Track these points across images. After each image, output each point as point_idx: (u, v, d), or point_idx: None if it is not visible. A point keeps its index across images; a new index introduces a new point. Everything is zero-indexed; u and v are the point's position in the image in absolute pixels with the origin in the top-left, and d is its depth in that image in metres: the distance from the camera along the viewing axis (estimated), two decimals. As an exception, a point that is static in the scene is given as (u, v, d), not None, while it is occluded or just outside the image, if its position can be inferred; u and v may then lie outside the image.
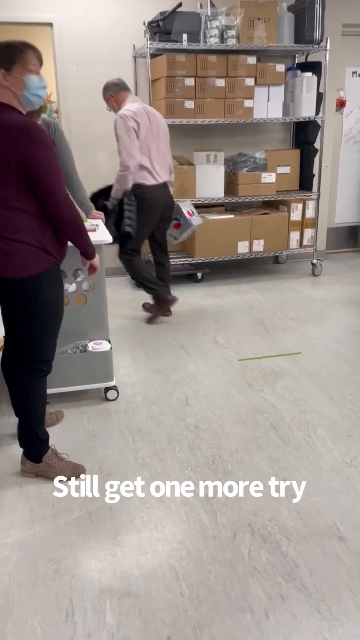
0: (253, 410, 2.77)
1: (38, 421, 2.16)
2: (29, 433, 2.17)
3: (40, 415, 2.17)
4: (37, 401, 2.14)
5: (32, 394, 2.12)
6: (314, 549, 1.87)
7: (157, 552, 1.87)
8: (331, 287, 4.72)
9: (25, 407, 2.12)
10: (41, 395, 2.16)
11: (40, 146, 1.80)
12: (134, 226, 3.59)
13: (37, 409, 2.14)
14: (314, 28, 4.36)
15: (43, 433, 2.20)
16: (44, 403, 2.19)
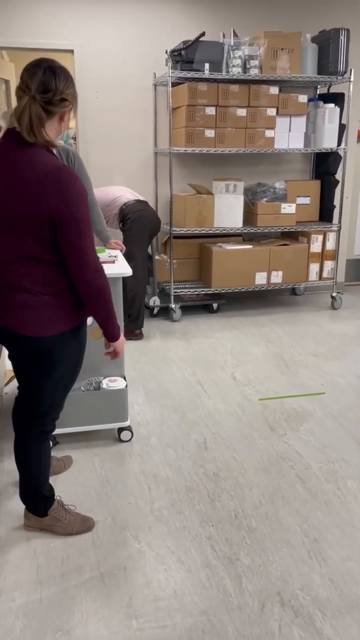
0: (277, 457, 2.59)
1: (42, 481, 1.96)
2: (32, 491, 1.98)
3: (45, 476, 1.96)
4: (42, 462, 1.94)
5: (37, 454, 1.92)
6: (351, 625, 1.68)
7: (177, 624, 1.68)
8: (352, 321, 4.56)
9: (29, 466, 1.93)
10: (45, 457, 1.95)
11: (74, 199, 1.54)
12: None
13: (42, 470, 1.95)
14: (338, 59, 4.29)
15: (48, 490, 2.00)
16: (48, 464, 1.98)
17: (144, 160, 4.74)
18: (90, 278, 1.63)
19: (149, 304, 4.65)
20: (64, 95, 1.58)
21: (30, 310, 1.65)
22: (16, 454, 1.95)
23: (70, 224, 1.56)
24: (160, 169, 4.75)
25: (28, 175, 1.52)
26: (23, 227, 1.56)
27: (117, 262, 2.68)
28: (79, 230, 1.57)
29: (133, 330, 4.12)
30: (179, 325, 4.50)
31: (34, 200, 1.52)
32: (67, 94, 1.60)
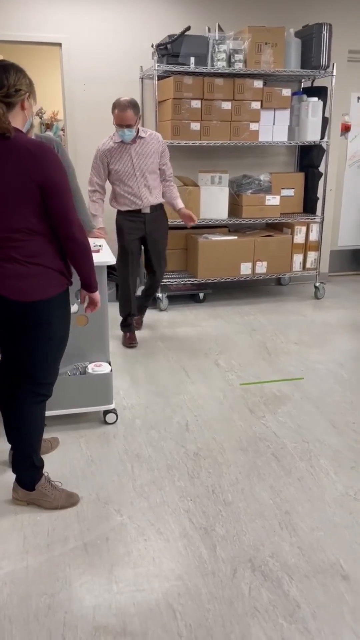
0: (255, 438, 2.71)
1: (34, 448, 2.10)
2: (24, 459, 2.11)
3: (37, 441, 2.11)
4: (35, 427, 2.08)
5: (30, 419, 2.06)
6: (317, 588, 1.81)
7: (154, 589, 1.81)
8: (334, 310, 4.69)
9: (22, 432, 2.07)
10: (40, 421, 2.10)
11: (56, 168, 1.79)
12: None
13: (34, 435, 2.09)
14: (321, 54, 4.39)
15: (38, 461, 2.14)
16: (42, 429, 2.14)
17: (131, 153, 4.82)
18: (77, 235, 1.89)
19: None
20: (17, 86, 1.79)
21: (26, 279, 1.87)
22: (8, 426, 2.09)
23: (57, 188, 1.80)
24: (148, 161, 4.82)
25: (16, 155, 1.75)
26: (18, 200, 1.78)
27: (102, 251, 2.78)
28: (64, 194, 1.83)
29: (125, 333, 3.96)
30: (165, 315, 4.61)
31: (22, 170, 1.75)
32: (20, 84, 1.80)
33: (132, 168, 3.61)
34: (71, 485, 2.32)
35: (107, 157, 3.63)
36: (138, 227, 3.75)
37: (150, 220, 3.76)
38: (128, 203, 3.69)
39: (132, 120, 3.44)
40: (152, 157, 3.63)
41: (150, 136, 3.63)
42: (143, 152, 3.60)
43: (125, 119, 3.43)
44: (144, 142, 3.60)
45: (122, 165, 3.61)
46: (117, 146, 3.60)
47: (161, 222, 3.85)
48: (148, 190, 3.67)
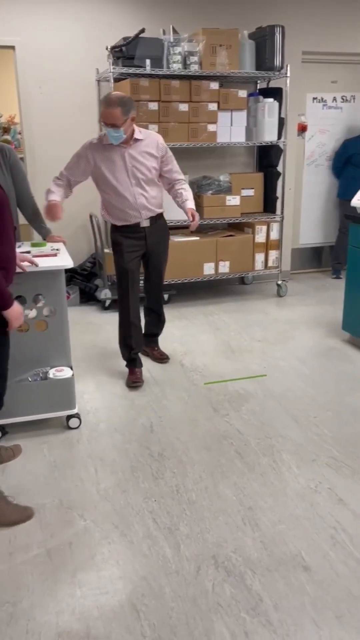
0: (218, 436, 2.73)
1: None
2: None
3: None
4: None
5: None
6: (278, 580, 1.84)
7: (118, 590, 1.81)
8: (296, 307, 4.76)
9: None
10: None
11: None
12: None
13: None
14: (275, 55, 4.46)
15: None
16: None
17: (90, 156, 4.80)
18: None
19: (100, 296, 4.74)
20: None
21: None
22: None
23: None
24: (107, 163, 4.82)
25: None
26: None
27: (59, 255, 2.76)
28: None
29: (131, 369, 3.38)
30: (130, 317, 4.59)
31: None
32: None
33: (126, 175, 3.07)
34: (33, 493, 2.30)
35: (93, 158, 3.08)
36: (139, 244, 3.23)
37: (152, 234, 3.24)
38: (124, 217, 3.16)
39: (118, 120, 2.89)
40: (149, 163, 3.10)
41: (148, 138, 3.12)
42: (139, 157, 3.07)
43: (110, 117, 2.89)
44: (141, 145, 3.07)
45: (114, 172, 3.07)
46: (109, 148, 3.05)
47: (163, 233, 3.36)
48: (146, 201, 3.14)
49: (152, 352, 3.67)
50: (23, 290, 2.65)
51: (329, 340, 3.97)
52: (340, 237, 5.51)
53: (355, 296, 3.73)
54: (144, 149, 3.09)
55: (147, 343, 3.67)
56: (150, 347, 3.68)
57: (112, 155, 3.07)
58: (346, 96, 5.61)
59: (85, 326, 4.37)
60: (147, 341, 3.66)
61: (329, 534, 2.04)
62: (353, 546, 1.98)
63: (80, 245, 4.94)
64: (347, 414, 2.93)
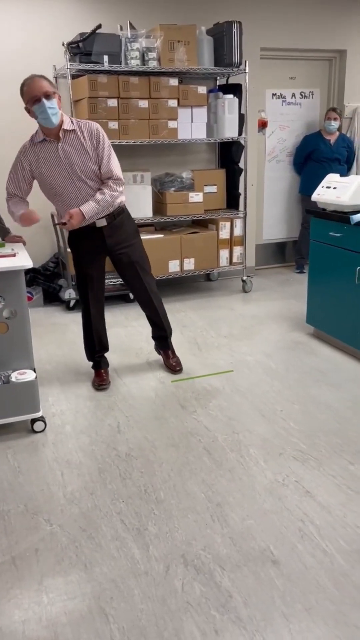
0: (186, 433, 2.72)
1: None
2: None
3: None
4: None
5: None
6: (248, 576, 1.84)
7: (86, 594, 1.77)
8: (261, 303, 4.79)
9: None
10: None
11: None
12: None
13: None
14: (233, 51, 4.47)
15: None
16: None
17: (50, 154, 4.72)
18: None
19: (64, 297, 4.67)
20: None
21: None
22: None
23: None
24: (68, 161, 4.74)
25: None
26: None
27: (18, 255, 2.70)
28: None
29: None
30: (95, 317, 4.54)
31: None
32: None
33: (65, 173, 2.81)
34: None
35: (28, 162, 2.84)
36: (97, 245, 3.01)
37: (111, 234, 2.99)
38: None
39: (49, 88, 2.65)
40: (87, 154, 2.81)
41: (81, 127, 2.81)
42: (74, 150, 2.78)
43: (39, 86, 2.64)
44: (74, 136, 2.79)
45: (52, 171, 2.82)
46: (41, 147, 2.81)
47: (126, 228, 3.06)
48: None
49: (167, 359, 3.45)
50: (-19, 292, 2.58)
51: (294, 334, 4.01)
52: (303, 232, 5.57)
53: (317, 289, 3.77)
54: (77, 141, 2.79)
55: (161, 346, 3.49)
56: (165, 352, 3.47)
57: (45, 154, 2.81)
58: (305, 92, 5.68)
59: (50, 327, 4.30)
60: (160, 344, 3.49)
61: (297, 526, 2.06)
62: (320, 537, 1.99)
63: (42, 246, 4.85)
64: (312, 406, 2.96)
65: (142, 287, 3.24)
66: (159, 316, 3.36)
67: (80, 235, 3.00)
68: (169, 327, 3.43)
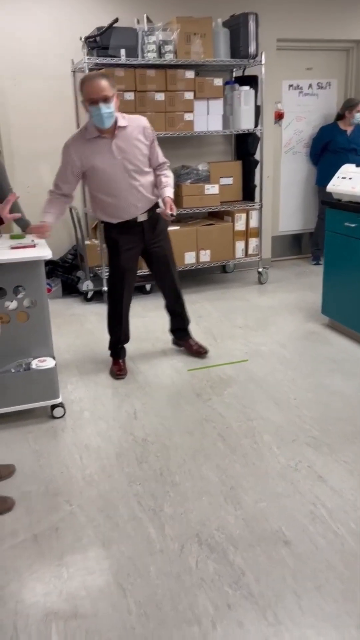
0: (201, 420, 2.78)
1: None
2: None
3: None
4: None
5: None
6: (260, 555, 1.90)
7: (104, 570, 1.85)
8: (277, 294, 4.82)
9: None
10: None
11: None
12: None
13: None
14: (249, 43, 4.48)
15: None
16: None
17: (68, 147, 4.79)
18: None
19: (82, 288, 4.75)
20: None
21: None
22: None
23: None
24: (85, 155, 4.81)
25: None
26: None
27: (38, 246, 2.77)
28: None
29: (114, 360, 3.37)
30: (113, 308, 4.62)
31: None
32: None
33: (117, 169, 2.86)
34: (18, 482, 2.33)
35: (79, 157, 2.86)
36: (136, 240, 3.09)
37: (150, 228, 3.08)
38: (119, 214, 3.00)
39: (108, 91, 2.68)
40: (138, 150, 2.91)
41: (132, 123, 2.89)
42: (127, 146, 2.86)
43: (99, 88, 2.66)
44: (126, 132, 2.87)
45: (105, 167, 2.86)
46: (93, 142, 2.84)
47: (161, 222, 3.17)
48: (141, 195, 2.97)
49: (189, 347, 3.52)
50: (3, 282, 2.67)
51: (309, 324, 4.04)
52: (320, 223, 5.57)
53: (333, 280, 3.79)
54: (131, 137, 2.88)
55: (180, 337, 3.57)
56: (185, 341, 3.55)
57: (98, 149, 2.84)
58: (322, 83, 5.66)
59: (68, 318, 4.39)
60: (178, 335, 3.58)
61: (309, 509, 2.11)
62: (332, 520, 2.04)
63: (61, 238, 4.94)
64: (326, 395, 2.99)
65: (171, 279, 3.35)
66: (183, 307, 3.47)
67: (122, 229, 3.07)
68: (188, 317, 3.54)
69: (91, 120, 2.81)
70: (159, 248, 3.20)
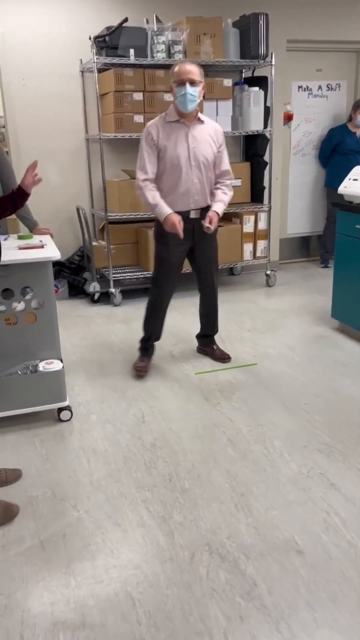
0: (210, 425, 2.74)
1: None
2: None
3: None
4: None
5: None
6: (272, 565, 1.85)
7: (113, 579, 1.81)
8: (285, 297, 4.77)
9: None
10: None
11: None
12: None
13: None
14: (259, 44, 4.44)
15: None
16: None
17: (75, 147, 4.77)
18: None
19: (89, 290, 4.72)
20: None
21: None
22: None
23: None
24: (93, 155, 4.79)
25: None
26: None
27: (46, 247, 2.74)
28: None
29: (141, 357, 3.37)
30: (120, 310, 4.59)
31: None
32: None
33: (186, 155, 2.93)
34: (25, 485, 2.29)
35: (157, 133, 2.93)
36: (186, 235, 3.03)
37: (200, 227, 3.06)
38: (175, 202, 2.99)
39: (196, 76, 2.84)
40: (209, 147, 3.00)
41: (208, 122, 3.05)
42: (200, 139, 2.96)
43: (190, 72, 2.81)
44: (202, 127, 2.99)
45: (176, 150, 2.92)
46: (171, 125, 2.94)
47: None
48: (200, 189, 3.02)
49: (213, 352, 3.51)
50: (11, 283, 2.63)
51: (318, 328, 3.99)
52: (328, 226, 5.53)
53: (343, 283, 3.74)
54: (205, 133, 3.00)
55: (206, 343, 3.57)
56: (210, 347, 3.54)
57: (175, 133, 2.94)
58: (331, 84, 5.61)
59: (75, 319, 4.36)
60: (204, 342, 3.58)
61: (322, 517, 2.06)
62: (345, 529, 1.99)
63: (67, 239, 4.91)
64: (336, 400, 2.94)
65: (212, 282, 3.39)
66: (216, 311, 3.51)
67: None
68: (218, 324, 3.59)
69: (173, 104, 2.95)
70: (206, 249, 3.23)
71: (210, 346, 3.57)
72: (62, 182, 4.79)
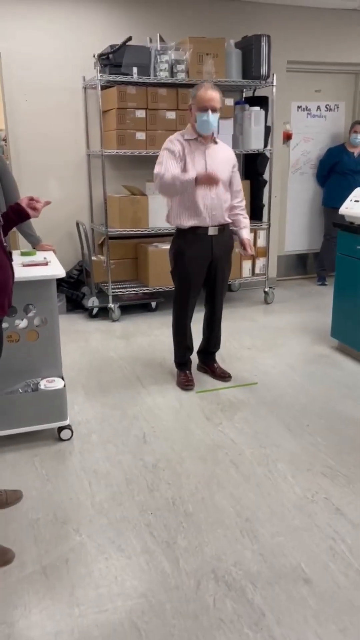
0: (213, 446, 2.71)
1: None
2: None
3: None
4: None
5: None
6: (280, 594, 1.82)
7: (117, 608, 1.77)
8: (284, 314, 4.78)
9: None
10: None
11: None
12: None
13: None
14: (261, 64, 4.49)
15: None
16: None
17: (77, 163, 4.78)
18: None
19: (88, 304, 4.69)
20: None
21: None
22: None
23: None
24: (94, 171, 4.80)
25: None
26: None
27: (50, 264, 2.72)
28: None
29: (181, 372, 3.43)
30: (118, 325, 4.56)
31: None
32: None
33: (203, 170, 3.01)
34: (26, 507, 2.25)
35: (181, 146, 3.02)
36: (204, 254, 3.14)
37: (218, 243, 3.16)
38: (193, 216, 3.06)
39: (219, 103, 2.96)
40: (225, 166, 3.12)
41: (222, 144, 3.21)
42: (216, 157, 3.09)
43: (214, 99, 2.92)
44: (218, 149, 3.13)
45: (194, 166, 3.01)
46: (190, 142, 3.04)
47: (229, 244, 3.28)
48: (219, 204, 3.09)
49: (214, 370, 3.52)
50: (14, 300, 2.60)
51: (318, 347, 3.99)
52: (325, 244, 5.56)
53: (343, 303, 3.75)
54: (220, 153, 3.14)
55: (207, 361, 3.57)
56: (211, 365, 3.55)
57: (194, 149, 3.05)
58: (330, 105, 5.68)
59: (73, 334, 4.33)
60: (206, 359, 3.58)
61: (328, 544, 2.03)
62: (352, 557, 1.97)
63: (66, 253, 4.89)
64: (339, 421, 2.93)
65: (220, 303, 3.45)
66: (220, 331, 3.55)
67: (192, 239, 3.13)
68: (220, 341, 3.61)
69: (190, 126, 3.08)
70: (223, 267, 3.30)
71: (211, 364, 3.56)
72: (63, 197, 4.79)
